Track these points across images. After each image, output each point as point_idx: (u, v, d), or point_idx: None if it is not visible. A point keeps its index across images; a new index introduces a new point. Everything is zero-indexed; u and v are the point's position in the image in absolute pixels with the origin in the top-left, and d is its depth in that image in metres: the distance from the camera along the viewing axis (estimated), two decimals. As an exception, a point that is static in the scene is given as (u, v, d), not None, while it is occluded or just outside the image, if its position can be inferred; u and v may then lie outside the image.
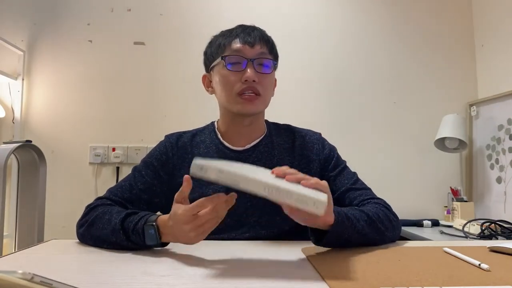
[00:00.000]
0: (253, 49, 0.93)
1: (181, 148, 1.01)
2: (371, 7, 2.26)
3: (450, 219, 2.00)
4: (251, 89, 0.92)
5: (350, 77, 2.22)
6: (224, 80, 0.94)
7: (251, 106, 0.94)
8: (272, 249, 0.81)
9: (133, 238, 0.77)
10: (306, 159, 1.01)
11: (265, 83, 0.95)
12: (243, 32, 0.95)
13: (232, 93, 0.94)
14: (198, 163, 0.61)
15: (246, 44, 0.93)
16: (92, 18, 2.17)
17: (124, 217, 0.79)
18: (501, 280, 0.55)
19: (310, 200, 0.58)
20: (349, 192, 0.97)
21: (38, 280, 0.35)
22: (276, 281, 0.57)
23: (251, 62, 0.93)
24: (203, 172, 0.61)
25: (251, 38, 0.94)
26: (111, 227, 0.79)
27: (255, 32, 0.96)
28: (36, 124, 2.11)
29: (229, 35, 0.96)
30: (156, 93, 2.15)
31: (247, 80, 0.91)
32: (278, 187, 0.58)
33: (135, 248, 0.77)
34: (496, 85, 2.08)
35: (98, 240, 0.82)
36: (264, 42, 0.96)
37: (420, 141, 2.20)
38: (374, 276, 0.57)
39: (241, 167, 0.69)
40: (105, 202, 0.91)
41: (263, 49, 0.95)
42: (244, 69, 0.92)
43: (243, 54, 0.93)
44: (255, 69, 0.93)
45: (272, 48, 0.99)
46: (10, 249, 1.79)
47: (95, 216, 0.84)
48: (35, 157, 1.72)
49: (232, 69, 0.93)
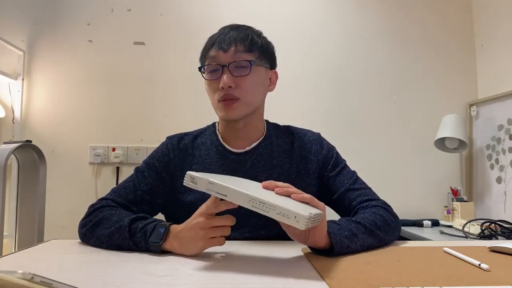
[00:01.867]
0: (226, 54, 0.92)
1: (183, 149, 1.01)
2: (371, 7, 2.26)
3: (450, 219, 2.00)
4: (228, 96, 0.92)
5: (350, 77, 2.22)
6: (207, 88, 0.96)
7: (231, 112, 0.93)
8: (272, 249, 0.81)
9: (137, 236, 0.77)
10: (305, 160, 1.01)
11: (244, 85, 0.92)
12: (220, 36, 0.94)
13: (215, 101, 0.95)
14: (190, 175, 0.66)
15: (220, 49, 0.92)
16: (92, 18, 2.17)
17: (135, 218, 0.81)
18: (501, 280, 0.55)
19: (290, 213, 0.59)
20: (348, 192, 0.96)
21: (38, 280, 0.35)
22: (276, 281, 0.57)
23: (226, 68, 0.91)
24: (194, 183, 0.65)
25: (225, 42, 0.92)
26: (118, 225, 0.79)
27: (231, 34, 0.93)
28: (36, 124, 2.11)
29: (211, 39, 0.96)
30: (156, 93, 2.15)
31: (223, 88, 0.91)
32: (262, 200, 0.60)
33: (134, 249, 0.77)
34: (496, 85, 2.08)
35: (100, 239, 0.81)
36: (240, 41, 0.92)
37: (420, 141, 2.20)
38: (374, 276, 0.57)
39: (232, 180, 0.72)
40: (110, 203, 0.91)
41: (239, 50, 0.92)
42: (220, 76, 0.92)
43: (217, 61, 0.92)
44: (232, 73, 0.91)
45: (252, 46, 0.94)
46: (10, 249, 1.79)
47: (102, 217, 0.84)
48: (35, 157, 1.72)
49: (210, 78, 0.94)
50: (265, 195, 0.63)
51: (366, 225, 0.79)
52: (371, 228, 0.80)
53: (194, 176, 0.66)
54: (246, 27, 0.98)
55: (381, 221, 0.84)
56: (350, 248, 0.73)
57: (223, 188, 0.63)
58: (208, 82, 0.95)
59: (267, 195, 0.65)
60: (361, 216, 0.84)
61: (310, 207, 0.66)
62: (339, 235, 0.72)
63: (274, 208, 0.59)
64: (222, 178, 0.71)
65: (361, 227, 0.78)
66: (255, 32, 0.97)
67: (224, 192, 0.63)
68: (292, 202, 0.65)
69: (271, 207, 0.60)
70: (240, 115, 0.94)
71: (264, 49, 0.97)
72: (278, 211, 0.59)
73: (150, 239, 0.75)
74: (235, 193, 0.62)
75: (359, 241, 0.75)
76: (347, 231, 0.75)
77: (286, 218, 0.59)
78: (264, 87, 1.00)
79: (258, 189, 0.69)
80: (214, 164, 0.98)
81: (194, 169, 0.98)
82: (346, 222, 0.78)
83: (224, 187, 0.63)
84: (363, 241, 0.76)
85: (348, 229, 0.75)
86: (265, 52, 0.97)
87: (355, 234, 0.76)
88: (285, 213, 0.59)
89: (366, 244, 0.77)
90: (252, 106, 0.96)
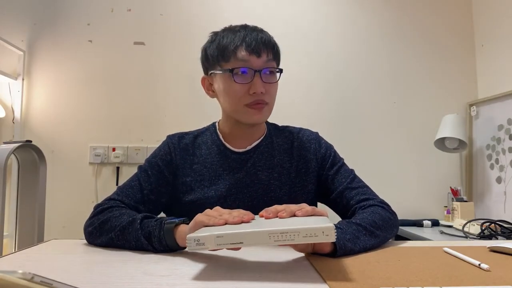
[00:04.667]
0: (259, 59, 0.91)
1: (183, 149, 1.01)
2: (371, 7, 2.26)
3: (450, 219, 2.00)
4: (259, 101, 0.91)
5: (350, 77, 2.22)
6: (230, 91, 0.92)
7: (259, 116, 0.93)
8: (272, 249, 0.81)
9: (152, 224, 0.76)
10: (304, 159, 1.01)
11: (272, 92, 0.94)
12: (248, 37, 0.91)
13: (239, 104, 0.92)
14: (193, 238, 0.58)
15: (253, 53, 0.90)
16: (92, 18, 2.17)
17: (148, 215, 0.81)
18: (501, 280, 0.55)
19: (317, 231, 0.56)
20: (346, 191, 0.96)
21: (38, 280, 0.35)
22: (276, 281, 0.56)
23: (258, 73, 0.90)
24: (201, 244, 0.58)
25: (257, 46, 0.90)
26: (131, 219, 0.80)
27: (261, 38, 0.92)
28: (36, 124, 2.11)
29: (233, 38, 0.92)
30: (156, 93, 2.15)
31: (255, 93, 0.90)
32: (282, 230, 0.56)
33: (142, 245, 0.76)
34: (496, 85, 2.08)
35: (109, 235, 0.80)
36: (270, 48, 0.93)
37: (420, 141, 2.20)
38: (374, 276, 0.57)
39: (234, 227, 0.63)
40: (119, 204, 0.90)
41: (269, 56, 0.92)
42: (251, 81, 0.90)
43: (250, 65, 0.90)
44: (262, 79, 0.91)
45: (277, 53, 0.96)
46: (10, 249, 1.79)
47: (112, 215, 0.83)
48: (35, 157, 1.72)
49: (240, 81, 0.91)
50: (277, 225, 0.59)
51: (366, 227, 0.80)
52: (372, 229, 0.80)
53: (199, 236, 0.58)
54: (260, 29, 0.97)
55: (380, 220, 0.84)
56: (353, 250, 0.73)
57: (236, 237, 0.57)
58: (232, 85, 0.92)
59: (279, 223, 0.61)
60: (360, 217, 0.84)
61: (318, 217, 0.64)
62: (342, 239, 0.72)
63: (298, 233, 0.56)
64: (220, 228, 0.62)
65: (361, 229, 0.79)
66: (272, 37, 0.98)
67: (238, 240, 0.57)
68: (304, 220, 0.63)
69: (295, 233, 0.56)
70: (265, 119, 0.97)
71: (279, 55, 0.99)
72: (304, 234, 0.55)
73: (166, 224, 0.75)
74: (251, 236, 0.57)
75: (361, 243, 0.76)
76: (349, 234, 0.75)
77: (314, 238, 0.56)
78: None
79: (264, 222, 0.65)
80: (215, 164, 0.98)
81: (195, 169, 0.98)
82: (347, 225, 0.78)
83: (236, 235, 0.57)
84: (365, 243, 0.77)
85: (350, 232, 0.75)
86: (280, 58, 0.99)
87: (357, 236, 0.76)
88: (312, 233, 0.55)
89: (368, 245, 0.77)
90: (272, 110, 0.98)
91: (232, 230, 0.58)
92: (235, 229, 0.59)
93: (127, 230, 0.79)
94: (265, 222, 0.64)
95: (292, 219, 0.64)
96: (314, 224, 0.57)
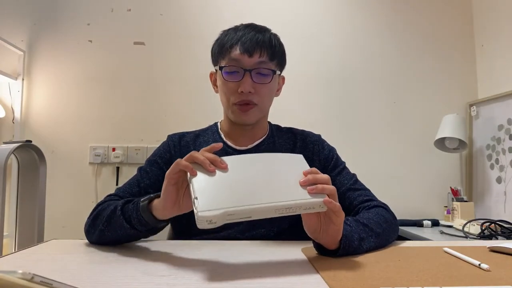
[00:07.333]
0: (251, 58, 0.91)
1: (184, 147, 1.01)
2: (371, 7, 2.26)
3: (450, 219, 1.99)
4: (246, 101, 0.92)
5: (350, 77, 2.22)
6: (223, 88, 0.95)
7: (246, 117, 0.94)
8: (272, 248, 0.81)
9: (129, 208, 0.77)
10: (306, 160, 1.01)
11: (263, 92, 0.94)
12: (245, 36, 0.92)
13: (229, 102, 0.94)
14: (204, 217, 0.58)
15: (245, 53, 0.91)
16: (92, 18, 2.17)
17: (130, 200, 0.81)
18: (501, 280, 0.55)
19: (315, 204, 0.64)
20: (349, 192, 0.97)
21: (38, 280, 0.35)
22: (276, 281, 0.57)
23: (248, 73, 0.91)
24: (213, 223, 0.59)
25: (251, 45, 0.91)
26: (113, 207, 0.80)
27: (257, 38, 0.92)
28: (36, 124, 2.11)
29: (232, 37, 0.93)
30: (156, 93, 2.15)
31: (243, 92, 0.91)
32: (287, 205, 0.62)
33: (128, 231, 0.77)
34: (496, 85, 2.08)
35: (99, 228, 0.81)
36: (265, 49, 0.92)
37: (420, 141, 2.20)
38: (374, 276, 0.57)
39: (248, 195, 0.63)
40: (113, 198, 0.92)
41: (263, 57, 0.92)
42: (240, 80, 0.91)
43: (240, 64, 0.91)
44: (253, 79, 0.91)
45: (276, 54, 0.95)
46: (10, 249, 1.79)
47: (101, 208, 0.85)
48: (35, 157, 1.72)
49: (229, 79, 0.93)
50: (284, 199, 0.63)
51: (373, 228, 0.80)
52: (378, 231, 0.80)
53: (209, 216, 0.58)
54: (265, 29, 0.97)
55: (384, 222, 0.85)
56: (356, 251, 0.73)
57: (245, 212, 0.60)
58: (225, 82, 0.94)
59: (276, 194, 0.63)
60: (366, 216, 0.84)
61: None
62: (350, 238, 0.72)
63: (299, 207, 0.63)
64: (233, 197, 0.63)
65: (368, 230, 0.79)
66: (276, 38, 0.97)
67: (247, 215, 0.61)
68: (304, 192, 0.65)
69: (297, 207, 0.63)
70: (254, 120, 0.97)
71: (282, 56, 0.98)
72: (304, 207, 0.63)
73: (141, 201, 0.75)
74: (259, 211, 0.61)
75: (365, 244, 0.76)
76: (356, 233, 0.74)
77: (312, 210, 0.64)
78: (275, 93, 1.02)
79: (266, 177, 0.66)
80: None
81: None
82: (355, 224, 0.78)
83: (245, 210, 0.60)
84: (369, 244, 0.77)
85: (356, 232, 0.75)
86: (282, 59, 0.99)
87: (363, 238, 0.76)
88: (311, 206, 0.63)
89: (372, 247, 0.78)
90: (264, 111, 0.99)
91: (242, 207, 0.61)
92: (244, 205, 0.61)
93: (112, 219, 0.79)
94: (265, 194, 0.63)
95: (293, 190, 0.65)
96: (313, 198, 0.64)
